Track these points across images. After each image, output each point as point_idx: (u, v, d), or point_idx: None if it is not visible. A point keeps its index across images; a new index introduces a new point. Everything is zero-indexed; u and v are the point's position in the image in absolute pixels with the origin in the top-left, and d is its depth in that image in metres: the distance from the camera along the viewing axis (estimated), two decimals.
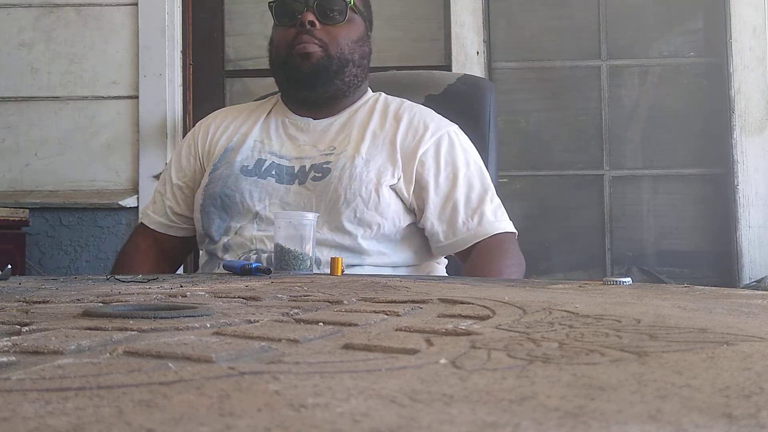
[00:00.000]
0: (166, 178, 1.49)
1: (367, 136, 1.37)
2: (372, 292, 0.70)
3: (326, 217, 1.29)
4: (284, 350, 0.37)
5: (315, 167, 1.34)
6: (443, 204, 1.33)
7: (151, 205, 1.49)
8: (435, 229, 1.33)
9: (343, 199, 1.30)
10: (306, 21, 1.32)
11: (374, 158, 1.34)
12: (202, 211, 1.38)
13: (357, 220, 1.30)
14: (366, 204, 1.30)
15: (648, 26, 2.51)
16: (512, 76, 2.49)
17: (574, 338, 0.40)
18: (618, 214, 2.44)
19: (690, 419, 0.24)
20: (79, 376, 0.30)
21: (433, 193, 1.33)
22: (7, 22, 2.40)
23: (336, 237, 1.30)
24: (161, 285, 0.80)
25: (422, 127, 1.38)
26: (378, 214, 1.31)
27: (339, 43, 1.35)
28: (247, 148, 1.40)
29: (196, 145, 1.47)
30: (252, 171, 1.37)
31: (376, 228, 1.31)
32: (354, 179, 1.31)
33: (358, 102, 1.44)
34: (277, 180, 1.35)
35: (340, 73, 1.36)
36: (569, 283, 0.84)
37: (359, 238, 1.30)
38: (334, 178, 1.31)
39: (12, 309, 0.57)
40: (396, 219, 1.33)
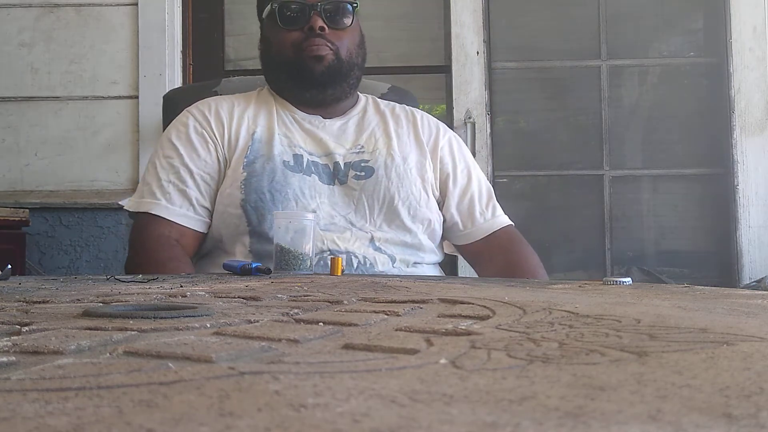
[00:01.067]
0: (177, 165, 1.34)
1: (392, 135, 1.41)
2: (372, 292, 0.70)
3: (383, 217, 1.33)
4: (284, 350, 0.37)
5: (352, 165, 1.35)
6: (461, 196, 1.42)
7: (164, 196, 1.32)
8: (455, 219, 1.41)
9: (398, 198, 1.34)
10: (317, 26, 1.32)
11: (409, 155, 1.40)
12: (245, 207, 1.29)
13: (412, 218, 1.35)
14: (418, 201, 1.36)
15: (648, 26, 2.51)
16: (512, 76, 2.49)
17: (574, 338, 0.40)
18: (618, 214, 2.44)
19: (690, 419, 0.24)
20: (79, 376, 0.30)
21: (452, 185, 1.42)
22: (7, 22, 2.40)
23: (400, 234, 1.34)
24: (161, 285, 0.80)
25: (434, 126, 1.47)
26: (428, 210, 1.37)
27: (347, 47, 1.37)
28: (278, 142, 1.35)
29: (211, 133, 1.36)
30: (295, 167, 1.33)
31: (427, 223, 1.37)
32: (402, 178, 1.36)
33: (359, 104, 1.46)
34: (319, 178, 1.34)
35: (347, 76, 1.38)
36: (569, 283, 0.84)
37: (419, 235, 1.36)
38: (381, 177, 1.34)
39: (12, 309, 0.57)
40: (438, 214, 1.40)
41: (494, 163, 2.40)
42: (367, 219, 1.33)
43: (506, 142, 2.48)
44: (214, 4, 2.54)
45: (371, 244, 1.32)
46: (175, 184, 1.33)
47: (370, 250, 1.31)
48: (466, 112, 2.38)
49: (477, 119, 2.38)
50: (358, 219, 1.33)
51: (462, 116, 2.37)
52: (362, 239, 1.32)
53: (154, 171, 1.36)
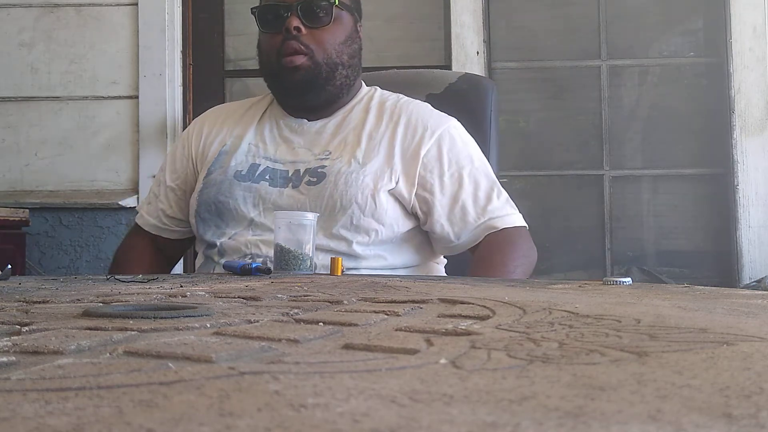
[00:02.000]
0: (160, 179, 1.49)
1: (363, 138, 1.33)
2: (372, 292, 0.70)
3: (321, 224, 1.26)
4: (284, 350, 0.37)
5: (310, 171, 1.32)
6: (451, 205, 1.31)
7: (146, 205, 1.49)
8: (445, 230, 1.30)
9: (339, 206, 1.27)
10: (291, 27, 1.28)
11: (371, 161, 1.31)
12: (197, 217, 1.37)
13: (353, 227, 1.28)
14: (362, 210, 1.27)
15: (648, 26, 2.51)
16: (512, 76, 2.49)
17: (574, 338, 0.40)
18: (618, 214, 2.44)
19: (690, 419, 0.24)
20: (79, 376, 0.30)
21: (440, 194, 1.31)
22: (7, 22, 2.40)
23: (331, 243, 1.28)
24: (161, 285, 0.80)
25: (421, 126, 1.35)
26: (375, 221, 1.28)
27: (326, 47, 1.31)
28: (241, 153, 1.38)
29: (190, 146, 1.46)
30: (245, 176, 1.35)
31: (373, 234, 1.29)
32: (350, 185, 1.28)
33: (353, 100, 1.41)
34: (270, 183, 1.33)
35: (330, 78, 1.33)
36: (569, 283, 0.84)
37: (354, 244, 1.28)
38: (329, 183, 1.29)
39: (12, 309, 0.57)
40: (394, 225, 1.30)
41: (499, 162, 2.40)
42: None
43: (506, 142, 2.48)
44: (214, 4, 2.54)
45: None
46: (156, 194, 1.48)
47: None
48: None
49: None
50: None
51: None
52: None
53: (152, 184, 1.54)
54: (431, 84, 1.61)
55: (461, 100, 1.59)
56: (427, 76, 1.72)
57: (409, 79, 1.67)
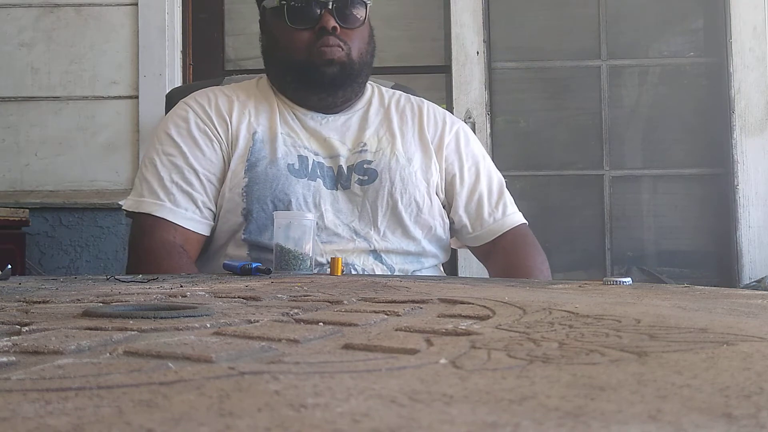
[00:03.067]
0: (180, 165, 1.27)
1: (396, 132, 1.35)
2: (372, 292, 0.70)
3: (387, 224, 1.28)
4: (284, 350, 0.37)
5: (355, 168, 1.30)
6: (469, 196, 1.36)
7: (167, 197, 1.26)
8: (463, 221, 1.35)
9: (401, 204, 1.29)
10: (329, 26, 1.25)
11: (414, 156, 1.34)
12: (247, 217, 1.25)
13: (414, 224, 1.31)
14: (420, 208, 1.31)
15: (648, 26, 2.51)
16: (512, 76, 2.49)
17: (574, 338, 0.40)
18: (618, 214, 2.44)
19: (690, 419, 0.24)
20: (79, 376, 0.30)
21: (459, 185, 1.35)
22: (7, 22, 2.40)
23: (403, 243, 1.30)
24: (161, 285, 0.80)
25: (440, 120, 1.40)
26: (430, 217, 1.32)
27: (359, 46, 1.30)
28: (281, 143, 1.29)
29: (214, 130, 1.30)
30: (300, 171, 1.27)
31: (427, 230, 1.32)
32: (407, 182, 1.30)
33: (364, 96, 1.40)
34: (323, 182, 1.28)
35: (358, 77, 1.33)
36: (569, 283, 0.84)
37: (422, 242, 1.32)
38: (385, 181, 1.29)
39: (12, 309, 0.57)
40: (442, 219, 1.35)
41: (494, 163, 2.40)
42: (371, 226, 1.29)
43: (506, 142, 2.48)
44: (214, 4, 2.54)
45: (371, 254, 1.28)
46: (179, 185, 1.26)
47: (369, 260, 1.27)
48: (466, 112, 2.38)
49: (477, 119, 2.38)
50: (362, 227, 1.28)
51: (462, 116, 2.37)
52: (365, 252, 1.28)
53: (153, 169, 1.28)
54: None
55: None
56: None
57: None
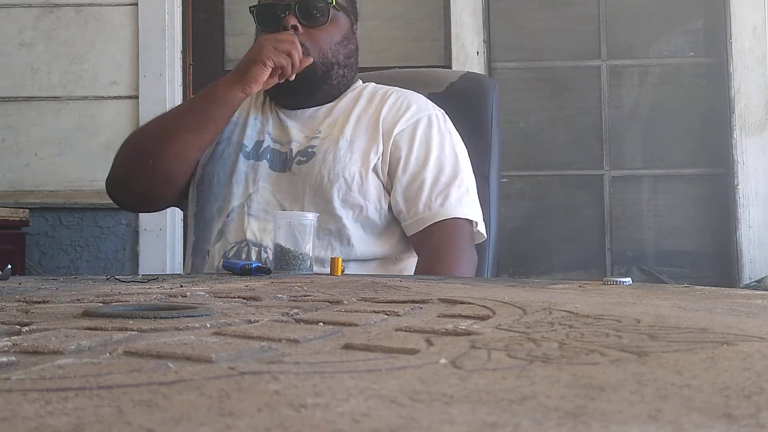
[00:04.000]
0: None
1: (351, 119, 1.36)
2: (372, 292, 0.70)
3: (312, 200, 1.29)
4: (284, 350, 0.37)
5: (300, 152, 1.34)
6: (410, 183, 1.32)
7: None
8: (399, 207, 1.32)
9: (326, 180, 1.29)
10: (288, 25, 1.30)
11: (358, 139, 1.34)
12: (198, 188, 1.37)
13: (341, 202, 1.29)
14: (350, 186, 1.29)
15: (648, 26, 2.51)
16: (512, 76, 2.49)
17: (574, 338, 0.40)
18: (618, 214, 2.44)
19: (690, 419, 0.24)
20: (79, 376, 0.30)
21: (401, 171, 1.32)
22: (7, 22, 2.41)
23: (323, 222, 1.27)
24: (161, 285, 0.80)
25: (404, 107, 1.37)
26: (361, 196, 1.30)
27: (322, 47, 1.33)
28: (249, 126, 1.39)
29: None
30: (250, 153, 1.36)
31: (358, 210, 1.30)
32: (338, 161, 1.30)
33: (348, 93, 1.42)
34: (270, 165, 1.35)
35: (326, 77, 1.35)
36: (569, 283, 0.84)
37: (344, 220, 1.29)
38: (318, 161, 1.31)
39: (12, 309, 0.57)
40: (377, 201, 1.31)
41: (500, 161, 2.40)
42: (298, 204, 1.31)
43: (506, 142, 2.48)
44: (214, 4, 2.54)
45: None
46: None
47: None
48: None
49: None
50: (289, 204, 1.32)
51: None
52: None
53: None
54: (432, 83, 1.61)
55: (462, 99, 1.59)
56: (428, 74, 1.72)
57: (410, 78, 1.67)
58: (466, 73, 1.67)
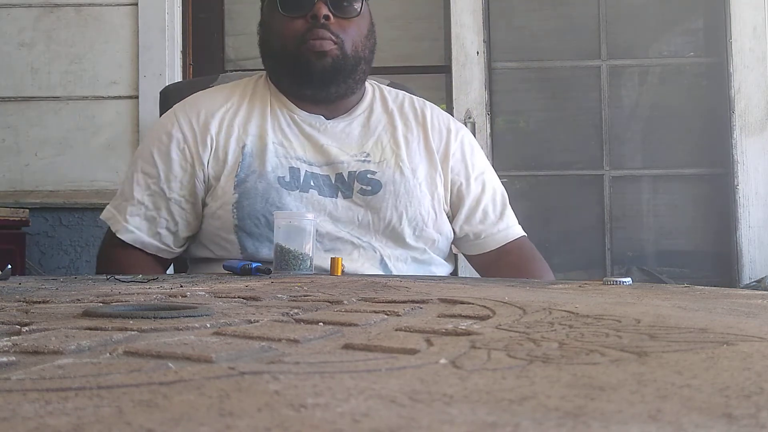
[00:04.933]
0: (153, 188, 1.26)
1: (400, 141, 1.31)
2: (372, 292, 0.70)
3: (388, 235, 1.26)
4: (284, 350, 0.37)
5: (358, 177, 1.26)
6: (475, 206, 1.34)
7: (131, 217, 1.26)
8: (465, 230, 1.34)
9: (405, 218, 1.26)
10: (321, 15, 1.21)
11: (419, 167, 1.30)
12: (238, 233, 1.22)
13: (416, 238, 1.28)
14: (425, 222, 1.28)
15: (648, 26, 2.51)
16: (512, 76, 2.49)
17: (574, 338, 0.40)
18: (618, 214, 2.44)
19: (690, 419, 0.24)
20: (79, 376, 0.30)
21: (466, 195, 1.34)
22: (7, 22, 2.40)
23: (407, 251, 1.28)
24: (161, 285, 0.80)
25: (445, 128, 1.36)
26: (436, 231, 1.30)
27: (353, 39, 1.25)
28: (272, 155, 1.25)
29: (194, 149, 1.26)
30: (291, 184, 1.24)
31: (431, 243, 1.30)
32: (412, 195, 1.27)
33: (366, 98, 1.35)
34: (319, 192, 1.25)
35: (353, 72, 1.27)
36: (569, 283, 0.84)
37: (426, 251, 1.30)
38: (389, 193, 1.26)
39: (12, 309, 0.57)
40: (448, 232, 1.33)
41: (494, 164, 2.40)
42: (372, 235, 1.26)
43: (506, 142, 2.48)
44: (214, 4, 2.54)
45: (381, 266, 1.25)
46: (148, 207, 1.26)
47: (379, 271, 1.24)
48: (466, 112, 2.38)
49: (477, 119, 2.38)
50: (362, 233, 1.25)
51: (462, 116, 2.37)
52: (372, 259, 1.25)
53: (130, 185, 1.28)
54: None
55: None
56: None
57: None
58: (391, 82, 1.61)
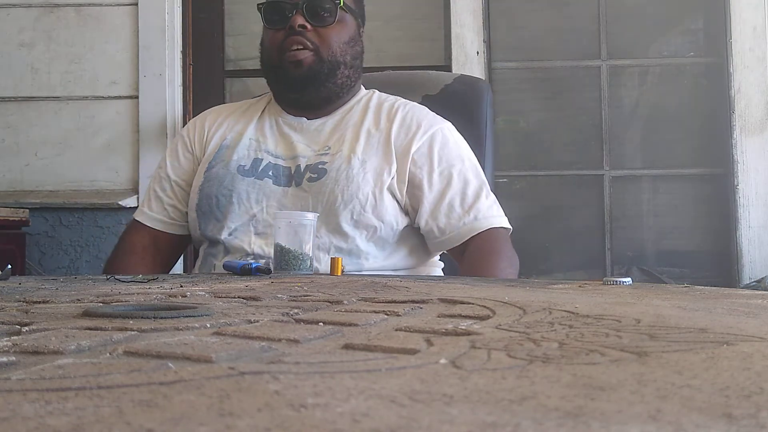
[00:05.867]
0: (162, 175, 1.46)
1: (361, 135, 1.36)
2: (372, 292, 0.70)
3: (323, 219, 1.28)
4: (284, 350, 0.37)
5: (310, 167, 1.34)
6: (438, 201, 1.33)
7: (147, 203, 1.46)
8: (429, 226, 1.32)
9: (340, 201, 1.29)
10: (296, 24, 1.32)
11: (370, 158, 1.33)
12: (198, 211, 1.37)
13: (354, 222, 1.29)
14: (363, 206, 1.29)
15: (648, 26, 2.51)
16: (512, 76, 2.49)
17: (574, 338, 0.40)
18: (618, 214, 2.44)
19: (690, 419, 0.24)
20: (79, 376, 0.30)
21: (428, 191, 1.33)
22: (7, 22, 2.40)
23: (334, 240, 1.29)
24: (161, 285, 0.80)
25: (415, 124, 1.37)
26: (375, 217, 1.30)
27: (330, 45, 1.34)
28: (243, 147, 1.39)
29: (192, 142, 1.46)
30: (249, 171, 1.36)
31: (372, 230, 1.31)
32: (351, 180, 1.30)
33: (351, 101, 1.43)
34: (275, 181, 1.34)
35: (331, 76, 1.35)
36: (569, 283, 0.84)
37: (357, 240, 1.30)
38: (330, 179, 1.31)
39: (12, 309, 0.57)
40: (393, 222, 1.32)
41: (494, 163, 2.40)
42: None
43: (506, 142, 2.48)
44: (214, 4, 2.54)
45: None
46: (156, 191, 1.45)
47: None
48: None
49: None
50: None
51: None
52: None
53: (150, 182, 1.50)
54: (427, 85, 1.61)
55: (457, 101, 1.59)
56: (422, 77, 1.72)
57: (404, 81, 1.67)
58: (461, 75, 1.67)
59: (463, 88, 1.59)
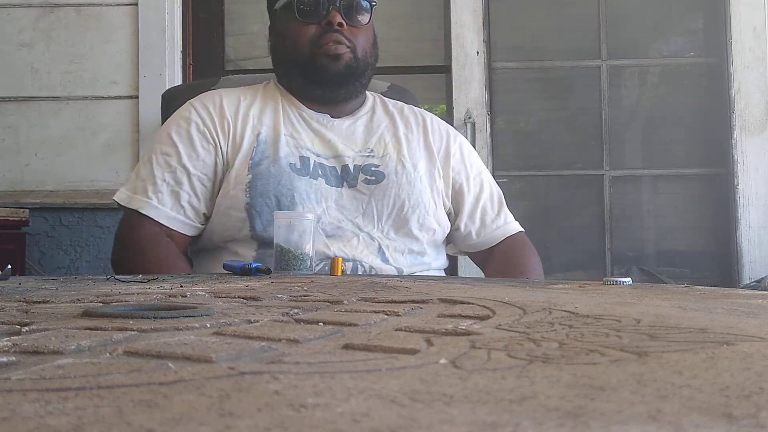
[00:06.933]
0: (174, 164, 1.30)
1: (401, 139, 1.39)
2: (372, 292, 0.70)
3: (392, 223, 1.32)
4: (284, 350, 0.37)
5: (362, 169, 1.33)
6: (474, 205, 1.41)
7: (155, 195, 1.28)
8: (467, 228, 1.41)
9: (408, 206, 1.33)
10: (335, 21, 1.30)
11: (419, 162, 1.38)
12: (250, 211, 1.26)
13: (420, 226, 1.34)
14: (427, 210, 1.34)
15: (648, 26, 2.51)
16: (512, 76, 2.49)
17: (574, 338, 0.40)
18: (618, 214, 2.44)
19: (690, 419, 0.24)
20: (79, 376, 0.30)
21: (467, 195, 1.41)
22: (7, 22, 2.40)
23: (407, 242, 1.33)
24: (161, 285, 0.80)
25: (445, 131, 1.45)
26: (435, 221, 1.36)
27: (363, 45, 1.35)
28: (284, 144, 1.31)
29: (213, 131, 1.32)
30: (301, 170, 1.30)
31: (431, 233, 1.36)
32: (413, 186, 1.34)
33: (367, 103, 1.44)
34: (326, 182, 1.31)
35: (361, 76, 1.36)
36: (569, 283, 0.84)
37: (424, 243, 1.35)
38: (392, 183, 1.33)
39: (12, 309, 0.57)
40: (446, 224, 1.39)
41: (494, 163, 2.40)
42: (375, 224, 1.31)
43: (506, 142, 2.48)
44: (214, 4, 2.54)
45: (379, 254, 1.30)
46: (170, 183, 1.29)
47: (377, 261, 1.28)
48: (466, 112, 2.38)
49: (477, 119, 2.38)
50: (365, 223, 1.31)
51: (462, 116, 2.37)
52: (370, 247, 1.29)
53: (149, 167, 1.31)
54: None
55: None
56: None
57: None
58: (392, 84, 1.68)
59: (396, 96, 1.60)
